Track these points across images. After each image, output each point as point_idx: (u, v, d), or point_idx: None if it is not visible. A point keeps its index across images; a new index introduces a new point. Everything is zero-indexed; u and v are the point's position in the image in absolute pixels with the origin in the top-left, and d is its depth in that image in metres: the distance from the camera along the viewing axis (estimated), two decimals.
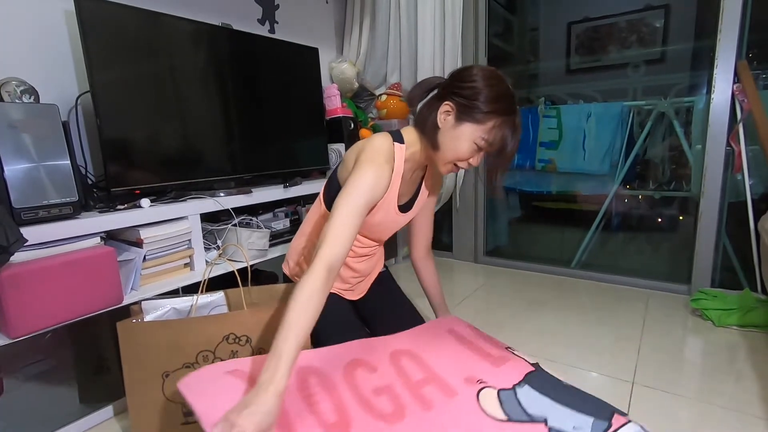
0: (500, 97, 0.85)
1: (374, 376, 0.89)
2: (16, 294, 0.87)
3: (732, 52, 1.55)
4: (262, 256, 1.44)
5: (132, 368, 0.93)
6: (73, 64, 1.32)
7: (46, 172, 1.00)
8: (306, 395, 0.79)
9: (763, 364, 1.21)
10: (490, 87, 0.86)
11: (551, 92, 2.99)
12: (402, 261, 2.35)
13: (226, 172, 1.53)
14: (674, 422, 0.99)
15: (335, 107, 1.97)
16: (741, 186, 1.66)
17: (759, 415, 1.00)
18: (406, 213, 1.05)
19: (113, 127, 1.20)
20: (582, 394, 0.83)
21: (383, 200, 0.94)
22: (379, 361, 0.93)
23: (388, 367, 0.92)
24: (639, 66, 3.01)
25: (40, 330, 0.92)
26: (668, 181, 2.23)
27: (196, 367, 0.96)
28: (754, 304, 1.45)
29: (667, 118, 2.06)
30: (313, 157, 1.88)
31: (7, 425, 0.89)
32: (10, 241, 0.73)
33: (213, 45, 1.46)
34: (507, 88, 0.88)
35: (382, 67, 2.29)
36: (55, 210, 1.01)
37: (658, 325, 1.49)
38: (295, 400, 0.78)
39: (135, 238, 1.15)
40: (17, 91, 1.03)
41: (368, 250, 1.10)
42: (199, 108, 1.44)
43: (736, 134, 1.60)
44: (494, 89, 0.86)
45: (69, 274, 0.95)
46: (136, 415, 0.95)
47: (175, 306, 1.07)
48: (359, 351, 0.95)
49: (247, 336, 0.99)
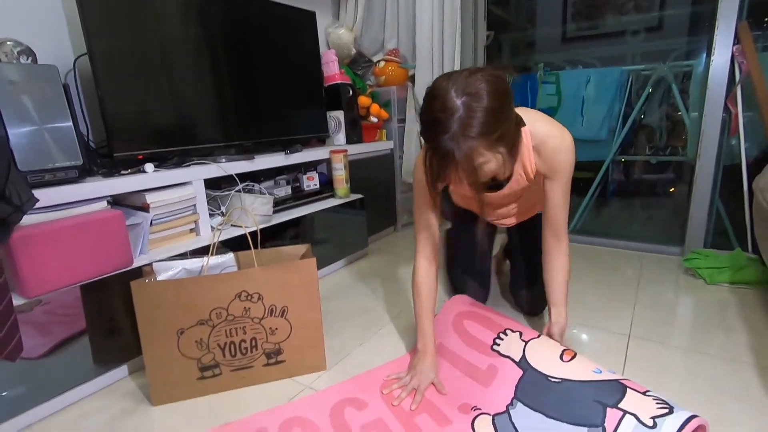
0: (427, 122, 0.76)
1: (363, 413, 0.92)
2: (30, 254, 0.88)
3: (733, 13, 1.54)
4: (266, 221, 1.45)
5: (147, 326, 0.95)
6: (67, 26, 1.28)
7: (50, 135, 0.99)
8: None
9: (752, 318, 1.27)
10: (422, 110, 0.77)
11: (548, 59, 2.96)
12: (401, 229, 2.38)
13: (227, 138, 1.52)
14: (668, 370, 1.05)
15: (333, 74, 1.94)
16: (736, 149, 1.69)
17: (746, 361, 1.06)
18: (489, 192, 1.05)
19: (113, 91, 1.18)
20: (573, 392, 0.80)
21: None
22: (371, 395, 0.98)
23: (378, 402, 0.96)
24: (637, 33, 2.98)
25: (55, 289, 0.93)
26: (665, 147, 2.25)
27: (210, 324, 0.98)
28: (745, 262, 1.50)
29: (665, 83, 2.06)
30: (312, 125, 1.87)
31: (23, 384, 0.91)
32: (23, 200, 0.73)
33: (212, 7, 1.42)
34: (435, 108, 0.73)
35: (380, 33, 2.25)
36: (60, 173, 1.01)
37: (652, 284, 1.54)
38: None
39: (141, 202, 1.15)
40: (14, 51, 1.00)
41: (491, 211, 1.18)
42: (199, 73, 1.41)
43: (734, 97, 1.62)
44: (424, 113, 0.77)
45: (80, 236, 0.95)
46: (153, 371, 0.98)
47: (186, 267, 1.09)
48: (351, 390, 1.00)
49: (259, 293, 1.01)
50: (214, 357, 1.01)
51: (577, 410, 0.76)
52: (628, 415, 0.71)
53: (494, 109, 0.72)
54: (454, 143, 0.72)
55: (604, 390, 0.77)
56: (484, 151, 0.75)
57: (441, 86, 0.74)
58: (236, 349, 1.02)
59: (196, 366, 1.00)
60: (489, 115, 0.72)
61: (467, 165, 0.74)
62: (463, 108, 0.71)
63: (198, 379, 1.01)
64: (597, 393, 0.77)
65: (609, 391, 0.76)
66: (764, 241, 1.26)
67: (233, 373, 1.04)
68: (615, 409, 0.73)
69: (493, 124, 0.73)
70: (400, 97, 2.23)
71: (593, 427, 0.73)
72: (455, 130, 0.72)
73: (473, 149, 0.73)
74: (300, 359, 1.08)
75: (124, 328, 1.07)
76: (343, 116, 1.95)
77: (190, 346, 0.98)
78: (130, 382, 1.09)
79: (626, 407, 0.73)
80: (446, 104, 0.72)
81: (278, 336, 1.05)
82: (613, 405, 0.74)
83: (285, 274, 1.02)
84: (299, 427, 0.89)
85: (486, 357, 0.97)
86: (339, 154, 1.72)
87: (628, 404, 0.73)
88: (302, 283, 1.04)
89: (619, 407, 0.73)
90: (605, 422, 0.72)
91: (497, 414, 0.86)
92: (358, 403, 0.96)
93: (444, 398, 0.95)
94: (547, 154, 0.92)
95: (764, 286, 1.44)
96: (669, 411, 0.70)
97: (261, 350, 1.04)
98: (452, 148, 0.72)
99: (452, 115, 0.71)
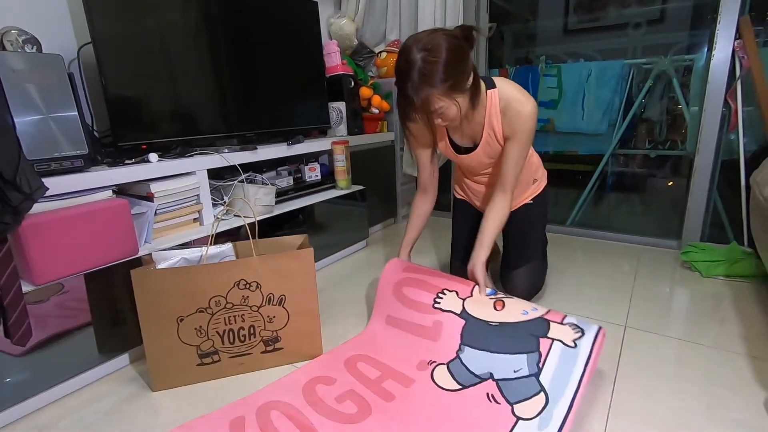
0: (396, 72, 0.93)
1: (334, 387, 0.99)
2: (39, 242, 0.89)
3: (735, 8, 1.54)
4: (269, 212, 1.46)
5: (147, 314, 0.97)
6: (70, 15, 1.28)
7: (55, 124, 1.00)
8: (272, 430, 0.86)
9: (745, 310, 1.29)
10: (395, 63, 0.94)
11: (549, 52, 2.96)
12: (402, 220, 2.39)
13: (230, 128, 1.52)
14: (663, 359, 1.07)
15: (335, 64, 1.94)
16: (734, 144, 1.70)
17: (739, 352, 1.08)
18: (462, 154, 1.19)
19: (117, 80, 1.19)
20: (510, 330, 0.97)
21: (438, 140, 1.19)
22: (337, 372, 1.04)
23: (346, 376, 1.02)
24: (639, 26, 2.97)
25: (62, 277, 0.95)
26: (664, 141, 2.27)
27: (209, 311, 1.00)
28: (741, 256, 1.52)
29: (666, 76, 2.07)
30: (314, 116, 1.88)
31: (27, 370, 0.93)
32: (33, 188, 0.75)
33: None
34: (401, 62, 0.91)
35: (382, 24, 2.24)
36: (66, 162, 1.02)
37: (649, 277, 1.56)
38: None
39: (145, 192, 1.16)
40: (19, 40, 1.01)
41: (478, 177, 1.28)
42: (202, 63, 1.41)
43: (734, 92, 1.62)
44: (396, 66, 0.94)
45: (87, 225, 0.97)
46: (153, 358, 1.00)
47: (185, 256, 1.10)
48: (317, 370, 1.05)
49: (257, 282, 1.03)
50: (213, 344, 1.03)
51: (516, 343, 0.95)
52: (556, 341, 0.91)
53: (447, 62, 0.88)
54: (413, 90, 0.90)
55: (534, 326, 0.96)
56: (440, 96, 0.91)
57: (407, 44, 0.91)
58: (235, 336, 1.04)
59: (196, 353, 1.02)
60: (443, 67, 0.87)
61: (425, 108, 0.93)
62: (421, 61, 0.87)
63: (197, 365, 1.03)
64: (529, 328, 0.96)
65: (538, 326, 0.96)
66: (760, 235, 1.28)
67: (232, 359, 1.06)
68: (545, 339, 0.93)
69: (447, 74, 0.88)
70: None
71: (531, 353, 0.92)
72: (414, 80, 0.89)
73: (429, 95, 0.90)
74: (297, 346, 1.10)
75: (126, 317, 1.09)
76: (345, 107, 1.96)
77: (189, 333, 1.00)
78: (131, 370, 1.11)
79: (553, 335, 0.93)
80: (408, 58, 0.89)
81: (276, 324, 1.07)
82: (543, 335, 0.93)
83: (283, 263, 1.04)
84: (277, 410, 0.92)
85: (430, 315, 1.09)
86: (341, 146, 1.72)
87: (554, 333, 0.93)
88: (300, 272, 1.06)
89: (548, 336, 0.93)
90: (540, 348, 0.92)
91: (450, 361, 1.01)
92: (326, 380, 1.01)
93: (402, 361, 1.06)
94: (510, 116, 1.04)
95: (759, 279, 1.47)
96: (582, 333, 0.91)
97: (259, 337, 1.06)
98: (412, 95, 0.90)
99: (412, 68, 0.88)
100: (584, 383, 0.85)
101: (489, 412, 0.88)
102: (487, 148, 1.13)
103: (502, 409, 0.88)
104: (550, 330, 0.94)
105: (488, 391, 0.92)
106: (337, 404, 0.93)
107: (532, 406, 0.86)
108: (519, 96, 1.03)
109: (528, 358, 0.92)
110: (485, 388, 0.93)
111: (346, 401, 0.94)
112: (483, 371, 0.96)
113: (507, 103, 1.04)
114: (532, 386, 0.88)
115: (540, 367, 0.90)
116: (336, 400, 0.94)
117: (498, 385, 0.92)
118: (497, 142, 1.10)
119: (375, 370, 1.05)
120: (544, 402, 0.86)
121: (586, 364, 0.87)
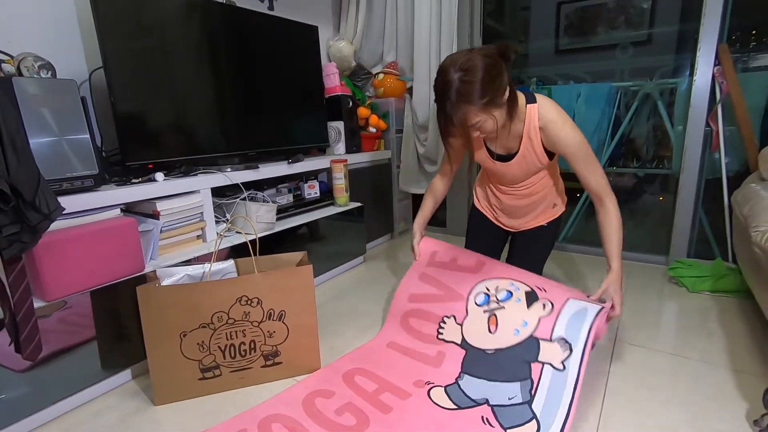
0: (436, 92, 1.00)
1: (333, 399, 1.02)
2: (51, 260, 0.92)
3: (714, 36, 1.63)
4: (270, 229, 1.50)
5: (151, 329, 1.00)
6: (81, 42, 1.33)
7: (68, 145, 1.04)
8: None
9: (730, 324, 1.34)
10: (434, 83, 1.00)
11: (541, 73, 3.06)
12: (398, 236, 2.44)
13: (232, 148, 1.57)
14: (652, 371, 1.11)
15: (334, 85, 2.01)
16: (717, 164, 1.77)
17: (724, 365, 1.13)
18: (501, 162, 1.20)
19: (127, 103, 1.24)
20: (504, 358, 1.02)
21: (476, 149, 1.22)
22: (335, 385, 1.08)
23: (344, 389, 1.06)
24: (626, 48, 3.09)
25: (72, 294, 0.98)
26: (651, 160, 2.34)
27: (211, 327, 1.04)
28: (725, 272, 1.58)
29: (652, 98, 2.15)
30: (313, 135, 1.93)
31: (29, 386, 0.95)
32: (51, 209, 0.78)
33: (220, 24, 1.49)
34: (440, 82, 0.98)
35: (379, 46, 2.32)
36: (77, 182, 1.06)
37: (639, 292, 1.61)
38: None
39: (152, 210, 1.20)
40: (35, 66, 1.05)
41: (506, 189, 1.29)
42: (207, 86, 1.47)
43: (715, 114, 1.70)
44: (435, 85, 1.00)
45: (97, 243, 1.00)
46: (157, 372, 1.02)
47: (189, 273, 1.14)
48: (316, 383, 1.09)
49: (258, 298, 1.06)
50: (214, 359, 1.06)
51: (510, 371, 1.00)
52: (546, 365, 0.96)
53: (483, 80, 0.93)
54: (452, 109, 0.96)
55: (525, 349, 1.01)
56: (477, 112, 0.97)
57: (444, 65, 0.98)
58: (236, 351, 1.07)
59: (198, 367, 1.05)
60: (480, 86, 0.93)
61: (463, 124, 0.99)
62: (458, 82, 0.94)
63: (199, 379, 1.06)
64: (522, 353, 1.01)
65: (529, 348, 1.00)
66: (741, 252, 1.34)
67: (233, 374, 1.08)
68: (536, 363, 0.97)
69: (484, 92, 0.94)
70: (398, 109, 2.30)
71: (524, 380, 0.97)
72: (452, 99, 0.95)
73: (467, 112, 0.97)
74: (296, 360, 1.13)
75: (130, 332, 1.11)
76: (344, 126, 2.02)
77: (192, 348, 1.03)
78: (134, 386, 1.13)
79: (543, 359, 0.97)
80: (446, 79, 0.95)
81: (276, 339, 1.10)
82: (534, 359, 0.98)
83: (283, 279, 1.08)
84: (278, 423, 0.95)
85: (434, 345, 1.16)
86: (340, 164, 1.78)
87: (544, 355, 0.97)
88: (299, 288, 1.10)
89: (538, 360, 0.97)
90: (531, 375, 0.96)
91: (448, 385, 1.05)
92: (325, 393, 1.05)
93: (400, 377, 1.09)
94: (550, 136, 1.09)
95: (742, 295, 1.52)
96: (570, 352, 0.94)
97: (259, 352, 1.09)
98: (451, 113, 0.97)
99: (450, 88, 0.95)
100: (574, 406, 0.88)
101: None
102: (523, 160, 1.16)
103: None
104: (540, 352, 0.98)
105: (483, 414, 0.95)
106: (336, 416, 0.96)
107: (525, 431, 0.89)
108: (556, 117, 1.07)
109: (521, 385, 0.96)
110: (480, 411, 0.96)
111: (345, 413, 0.97)
112: (479, 396, 0.99)
113: (545, 123, 1.08)
114: (526, 413, 0.92)
115: (532, 394, 0.94)
116: (335, 413, 0.97)
117: (493, 410, 0.95)
118: (535, 155, 1.14)
119: (372, 383, 1.08)
120: (536, 428, 0.89)
121: (575, 387, 0.90)
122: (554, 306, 1.04)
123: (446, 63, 0.97)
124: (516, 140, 1.14)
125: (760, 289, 1.16)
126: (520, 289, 1.11)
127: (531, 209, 1.31)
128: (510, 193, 1.29)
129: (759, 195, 1.27)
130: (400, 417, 0.96)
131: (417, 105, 2.22)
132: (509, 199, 1.30)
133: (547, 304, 1.05)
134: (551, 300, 1.06)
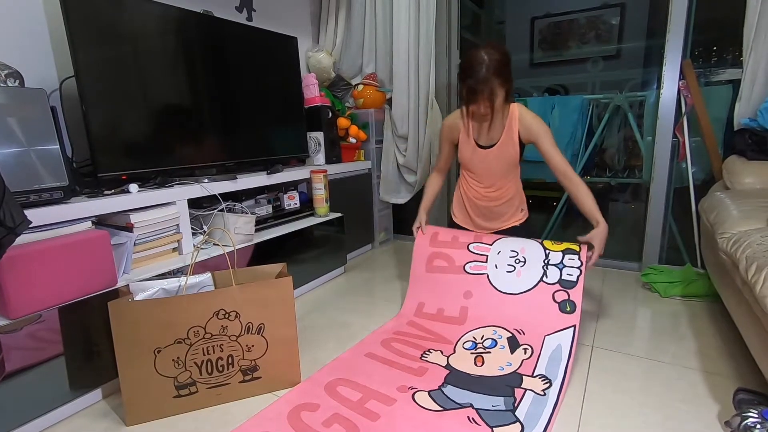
0: (467, 68, 1.27)
1: (318, 412, 1.02)
2: (16, 275, 0.88)
3: (678, 52, 1.71)
4: (248, 240, 1.48)
5: (124, 346, 0.96)
6: (52, 50, 1.30)
7: (36, 156, 1.01)
8: None
9: (700, 327, 1.39)
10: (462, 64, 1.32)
11: (516, 85, 3.14)
12: (379, 246, 2.44)
13: (210, 158, 1.55)
14: (627, 376, 1.14)
15: (314, 96, 2.01)
16: (684, 173, 1.85)
17: (694, 367, 1.16)
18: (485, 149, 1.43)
19: (99, 112, 1.21)
20: (488, 381, 1.10)
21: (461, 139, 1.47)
22: (319, 397, 1.07)
23: (328, 400, 1.06)
24: (597, 61, 3.21)
25: (39, 311, 0.94)
26: (623, 169, 2.42)
27: (187, 342, 1.01)
28: (695, 277, 1.64)
29: (622, 110, 2.23)
30: (292, 145, 1.93)
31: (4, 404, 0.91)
32: (16, 222, 0.75)
33: (197, 33, 1.47)
34: (467, 60, 1.28)
35: (358, 58, 2.34)
36: (46, 194, 1.02)
37: (614, 298, 1.65)
38: None
39: (125, 222, 1.17)
40: (1, 74, 1.02)
41: (480, 190, 1.50)
42: (183, 94, 1.45)
43: (681, 126, 1.78)
44: (464, 64, 1.30)
45: (65, 257, 0.97)
46: (129, 390, 0.98)
47: (164, 287, 1.11)
48: (299, 397, 1.08)
49: (236, 311, 1.04)
50: (190, 375, 1.03)
51: (494, 389, 1.07)
52: (528, 390, 1.06)
53: (504, 62, 1.26)
54: (483, 79, 1.24)
55: (509, 378, 1.11)
56: (497, 87, 1.26)
57: (474, 51, 1.27)
58: (213, 366, 1.04)
59: (173, 384, 1.02)
60: (501, 66, 1.25)
61: (487, 95, 1.26)
62: (488, 59, 1.24)
63: (174, 397, 1.02)
64: (505, 380, 1.10)
65: (512, 379, 1.11)
66: (709, 257, 1.39)
67: (209, 390, 1.05)
68: (519, 389, 1.07)
69: (502, 72, 1.26)
70: (377, 119, 2.32)
71: (507, 396, 1.04)
72: (483, 73, 1.24)
73: (494, 86, 1.25)
74: (276, 375, 1.11)
75: (100, 350, 1.07)
76: (323, 137, 2.02)
77: (166, 364, 1.00)
78: (104, 405, 1.09)
79: (526, 386, 1.08)
80: (478, 58, 1.25)
81: (254, 353, 1.08)
82: (517, 386, 1.08)
83: (262, 292, 1.06)
84: None
85: (417, 362, 1.21)
86: (319, 174, 1.77)
87: (527, 384, 1.08)
88: (278, 300, 1.08)
89: (521, 387, 1.07)
90: (515, 395, 1.05)
91: (431, 390, 1.08)
92: (310, 407, 1.03)
93: (382, 384, 1.11)
94: (526, 123, 1.36)
95: (711, 298, 1.57)
96: (549, 384, 1.07)
97: (237, 367, 1.07)
98: (481, 84, 1.25)
99: (481, 64, 1.24)
100: (556, 413, 0.97)
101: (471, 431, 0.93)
102: (503, 147, 1.40)
103: (483, 430, 0.93)
104: (523, 383, 1.09)
105: (468, 415, 0.98)
106: (325, 428, 0.95)
107: (510, 431, 0.93)
108: (530, 113, 1.38)
109: (504, 400, 1.03)
110: (466, 412, 0.98)
111: (333, 425, 0.96)
112: (464, 401, 1.03)
113: (522, 115, 1.37)
114: (509, 417, 0.97)
115: (515, 406, 1.01)
116: (323, 425, 0.96)
117: (478, 412, 0.99)
118: (511, 144, 1.39)
119: (356, 392, 1.07)
120: (520, 429, 0.93)
121: (554, 405, 1.00)
122: (533, 350, 1.20)
123: (473, 50, 1.27)
124: (499, 131, 1.39)
125: (727, 293, 1.20)
126: (502, 337, 1.26)
127: (503, 211, 1.52)
128: (484, 195, 1.50)
129: (724, 203, 1.32)
130: (389, 423, 0.96)
131: (396, 116, 2.24)
132: (483, 200, 1.51)
133: (527, 349, 1.20)
134: (530, 344, 1.22)
